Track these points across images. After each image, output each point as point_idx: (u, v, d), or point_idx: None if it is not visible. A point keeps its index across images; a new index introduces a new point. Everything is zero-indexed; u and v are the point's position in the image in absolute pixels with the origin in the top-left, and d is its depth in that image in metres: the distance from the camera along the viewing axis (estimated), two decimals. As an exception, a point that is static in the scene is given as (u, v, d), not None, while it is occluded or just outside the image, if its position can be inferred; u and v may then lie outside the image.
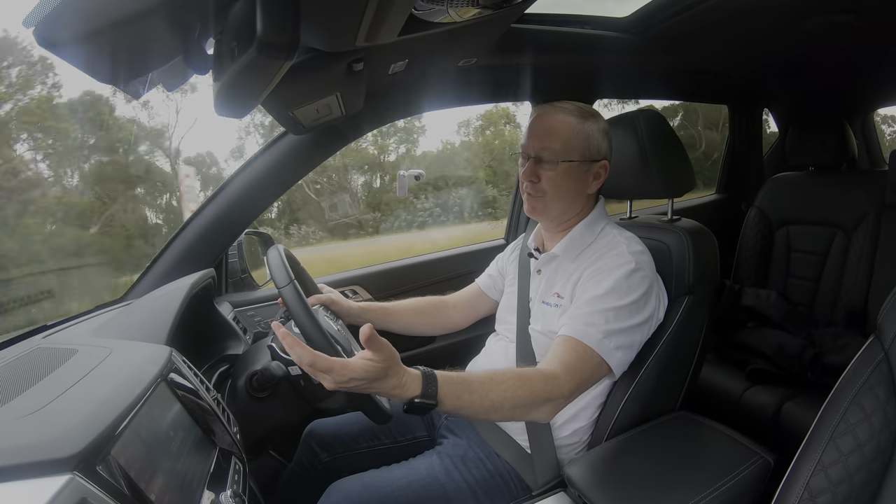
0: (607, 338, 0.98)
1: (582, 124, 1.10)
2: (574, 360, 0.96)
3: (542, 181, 1.11)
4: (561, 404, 0.94)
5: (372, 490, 1.04)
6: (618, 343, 0.99)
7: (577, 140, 1.09)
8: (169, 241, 1.45)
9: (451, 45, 1.19)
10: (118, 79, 0.75)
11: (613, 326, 0.99)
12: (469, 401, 0.85)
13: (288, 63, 0.67)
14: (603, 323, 0.99)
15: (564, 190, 1.11)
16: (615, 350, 0.99)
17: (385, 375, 0.79)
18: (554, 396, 0.92)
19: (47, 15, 0.53)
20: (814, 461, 0.72)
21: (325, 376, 0.78)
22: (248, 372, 1.05)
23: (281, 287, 0.98)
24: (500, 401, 0.87)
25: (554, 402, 0.92)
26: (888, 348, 0.71)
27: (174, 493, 0.61)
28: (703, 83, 2.17)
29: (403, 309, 1.39)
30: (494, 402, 0.86)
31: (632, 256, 1.05)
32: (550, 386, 0.92)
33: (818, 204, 1.99)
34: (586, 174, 1.12)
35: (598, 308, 1.00)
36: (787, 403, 1.56)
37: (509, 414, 0.92)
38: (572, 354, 0.97)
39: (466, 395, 0.85)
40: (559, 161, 1.09)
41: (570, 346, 0.98)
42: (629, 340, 1.02)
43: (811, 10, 1.43)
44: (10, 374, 0.70)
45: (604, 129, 1.13)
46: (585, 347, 0.97)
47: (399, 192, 1.86)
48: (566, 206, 1.14)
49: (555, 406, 0.93)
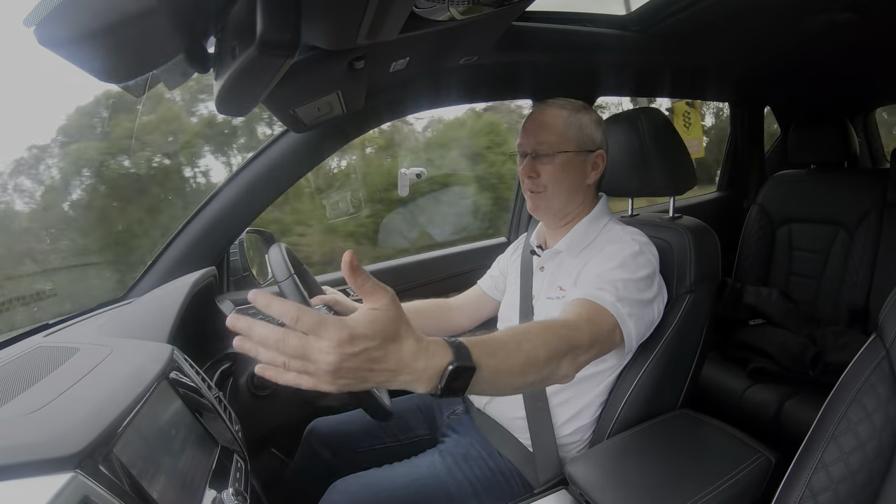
0: (620, 302, 0.95)
1: (574, 116, 1.12)
2: (590, 312, 0.92)
3: (541, 176, 1.12)
4: (580, 358, 0.84)
5: (373, 489, 1.04)
6: (630, 311, 0.96)
7: (571, 131, 1.11)
8: (170, 240, 1.45)
9: (452, 43, 1.19)
10: (119, 78, 0.75)
11: (624, 294, 0.96)
12: (504, 358, 0.70)
13: (289, 61, 0.67)
14: (614, 290, 0.96)
15: (564, 182, 1.12)
16: (628, 317, 0.95)
17: (398, 335, 0.59)
18: (576, 344, 0.83)
19: (48, 14, 0.53)
20: (815, 459, 0.72)
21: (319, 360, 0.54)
22: (249, 370, 1.05)
23: (280, 281, 0.98)
24: (534, 350, 0.74)
25: (575, 353, 0.82)
26: (889, 347, 0.71)
27: (176, 491, 0.61)
28: (704, 80, 2.16)
29: (408, 310, 1.39)
30: (529, 354, 0.73)
31: (636, 242, 1.06)
32: (572, 331, 0.84)
33: (820, 202, 1.99)
34: (584, 164, 1.13)
35: (607, 279, 0.98)
36: (788, 402, 1.56)
37: (544, 367, 0.76)
38: (588, 307, 0.93)
39: (501, 351, 0.70)
40: (555, 153, 1.10)
41: (583, 303, 0.94)
42: (640, 312, 0.99)
43: (813, 8, 1.43)
44: (11, 373, 0.70)
45: (596, 119, 1.15)
46: (598, 306, 0.94)
47: (401, 190, 1.85)
48: (567, 199, 1.14)
49: (575, 360, 0.82)
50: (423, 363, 0.60)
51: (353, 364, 0.55)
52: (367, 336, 0.56)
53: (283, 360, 0.55)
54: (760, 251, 2.13)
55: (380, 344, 0.57)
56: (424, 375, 0.60)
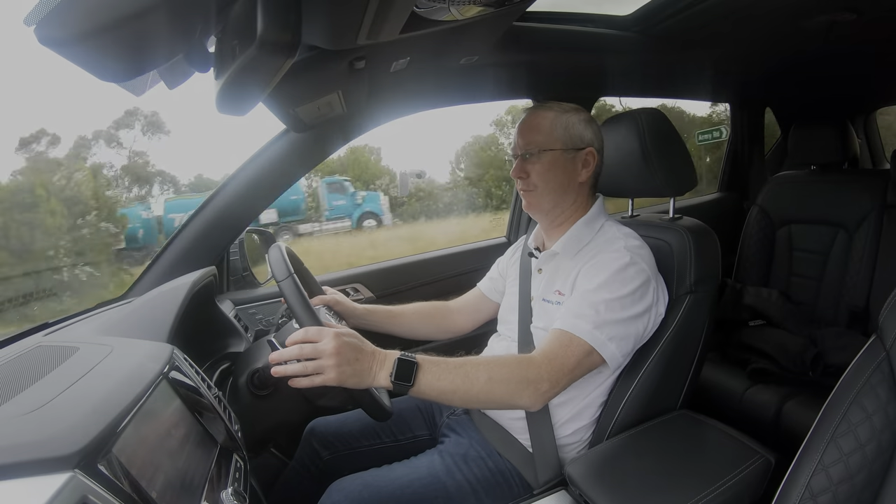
0: (598, 328, 0.99)
1: (560, 116, 1.14)
2: (554, 347, 1.00)
3: (531, 176, 1.14)
4: (544, 389, 0.96)
5: (373, 489, 1.04)
6: (610, 334, 1.00)
7: (558, 130, 1.13)
8: (170, 240, 1.45)
9: (452, 44, 1.19)
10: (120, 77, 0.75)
11: (605, 317, 1.00)
12: (445, 367, 0.93)
13: (289, 61, 0.68)
14: (594, 315, 1.00)
15: (553, 181, 1.13)
16: (608, 341, 1.00)
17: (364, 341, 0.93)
18: (532, 377, 0.95)
19: (48, 13, 0.53)
20: (815, 461, 0.71)
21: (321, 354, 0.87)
22: (249, 370, 1.05)
23: (280, 280, 0.99)
24: (474, 370, 0.93)
25: (534, 384, 0.95)
26: (889, 348, 0.71)
27: (175, 490, 0.61)
28: (704, 81, 2.17)
29: (408, 312, 1.40)
30: (469, 372, 0.93)
31: (627, 252, 1.06)
32: (525, 366, 0.96)
33: (820, 203, 1.99)
34: (572, 162, 1.14)
35: (588, 301, 1.02)
36: (788, 403, 1.56)
37: (486, 388, 0.93)
38: (554, 343, 1.00)
39: (443, 363, 0.93)
40: (541, 151, 1.12)
41: (555, 335, 1.02)
42: (623, 332, 1.02)
43: (813, 8, 1.43)
44: (11, 372, 0.70)
45: (585, 119, 1.16)
46: (571, 336, 0.99)
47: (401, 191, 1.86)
48: (558, 197, 1.15)
49: (537, 390, 0.95)
50: (382, 356, 0.92)
51: (346, 349, 0.88)
52: (350, 335, 0.91)
53: (304, 367, 0.87)
54: (760, 252, 2.13)
55: (358, 340, 0.92)
56: (385, 364, 0.91)
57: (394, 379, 0.89)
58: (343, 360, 0.87)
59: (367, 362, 0.90)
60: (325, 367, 0.87)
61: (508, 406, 1.07)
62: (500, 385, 0.94)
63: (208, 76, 0.82)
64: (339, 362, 0.87)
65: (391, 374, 0.89)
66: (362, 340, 0.93)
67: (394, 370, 0.89)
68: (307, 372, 0.88)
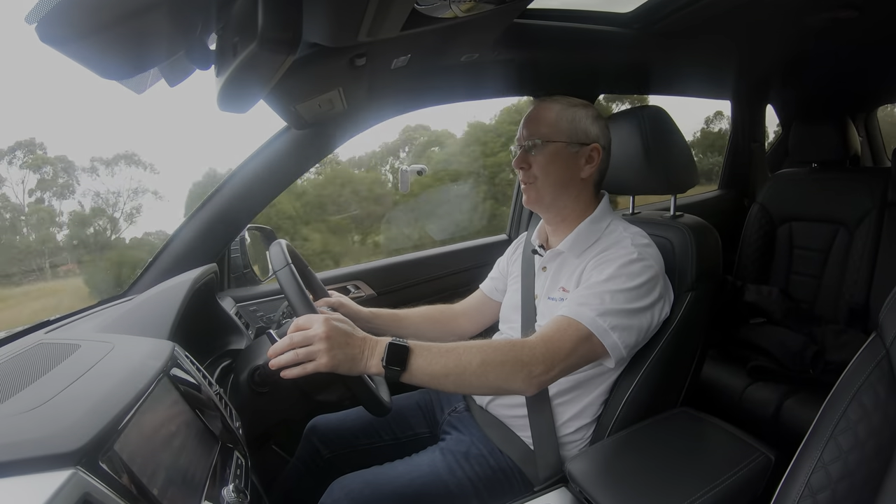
0: (601, 316, 0.98)
1: (567, 109, 1.13)
2: (552, 330, 0.98)
3: (532, 167, 1.13)
4: (538, 372, 0.93)
5: (374, 487, 1.04)
6: (613, 323, 0.98)
7: (563, 123, 1.12)
8: (171, 237, 1.45)
9: (453, 41, 1.19)
10: (121, 74, 0.75)
11: (610, 307, 0.99)
12: (436, 352, 0.91)
13: (290, 58, 0.67)
14: (598, 304, 0.99)
15: (554, 174, 1.12)
16: (610, 330, 0.98)
17: (354, 328, 0.92)
18: (525, 359, 0.92)
19: (49, 11, 0.53)
20: (814, 458, 0.72)
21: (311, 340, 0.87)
22: (250, 367, 1.05)
23: (277, 270, 1.00)
24: (467, 354, 0.91)
25: (528, 367, 0.92)
26: (889, 346, 0.71)
27: (177, 487, 0.61)
28: (705, 78, 2.16)
29: (414, 316, 1.39)
30: (461, 356, 0.91)
31: (635, 248, 1.05)
32: (519, 348, 0.94)
33: (820, 201, 1.99)
34: (576, 156, 1.13)
35: (594, 291, 1.01)
36: (788, 400, 1.56)
37: (479, 371, 0.91)
38: (552, 326, 0.99)
39: (434, 347, 0.92)
40: (545, 142, 1.11)
41: (555, 321, 1.00)
42: (628, 323, 1.00)
43: (814, 5, 1.42)
44: (12, 370, 0.70)
45: (593, 115, 1.14)
46: (571, 321, 0.98)
47: (402, 188, 1.85)
48: (558, 191, 1.14)
49: (530, 373, 0.92)
50: (373, 341, 0.90)
51: (336, 333, 0.87)
52: (340, 319, 0.91)
53: (295, 354, 0.86)
54: (761, 249, 2.13)
55: (349, 325, 0.91)
56: (376, 350, 0.89)
57: (385, 364, 0.88)
58: (334, 343, 0.86)
59: (359, 347, 0.89)
60: (315, 353, 0.86)
61: (502, 391, 1.04)
62: (494, 368, 0.91)
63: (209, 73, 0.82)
64: (330, 346, 0.86)
65: (383, 359, 0.88)
66: (353, 326, 0.92)
67: (385, 355, 0.88)
68: (298, 360, 0.86)
